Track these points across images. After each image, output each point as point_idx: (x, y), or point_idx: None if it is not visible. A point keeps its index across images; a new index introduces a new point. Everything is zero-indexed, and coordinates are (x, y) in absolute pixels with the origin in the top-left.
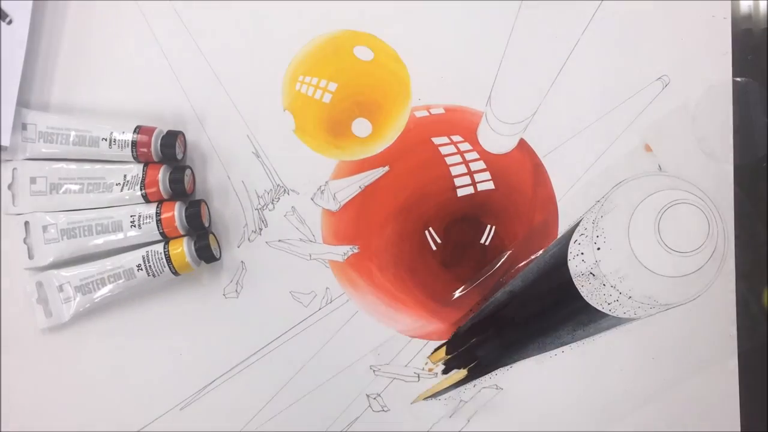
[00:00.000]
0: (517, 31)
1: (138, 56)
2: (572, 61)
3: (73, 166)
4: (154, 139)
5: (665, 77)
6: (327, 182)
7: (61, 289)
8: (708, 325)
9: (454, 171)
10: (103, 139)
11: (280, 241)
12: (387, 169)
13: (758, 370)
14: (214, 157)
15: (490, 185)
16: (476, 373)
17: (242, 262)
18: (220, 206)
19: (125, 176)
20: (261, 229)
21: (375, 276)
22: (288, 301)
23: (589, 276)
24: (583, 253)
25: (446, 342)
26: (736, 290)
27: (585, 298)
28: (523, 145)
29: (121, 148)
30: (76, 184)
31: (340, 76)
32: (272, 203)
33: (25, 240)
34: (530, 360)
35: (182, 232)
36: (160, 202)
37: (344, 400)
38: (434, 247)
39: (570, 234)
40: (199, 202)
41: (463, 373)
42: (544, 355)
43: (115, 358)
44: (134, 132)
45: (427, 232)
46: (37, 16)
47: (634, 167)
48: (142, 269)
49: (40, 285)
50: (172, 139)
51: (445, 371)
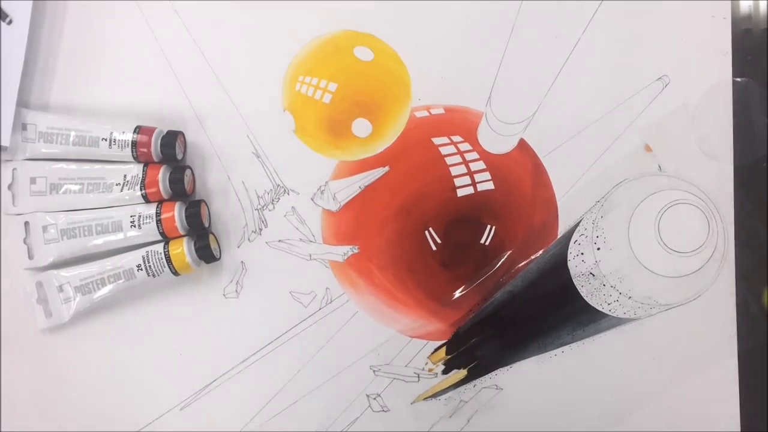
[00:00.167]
0: (517, 31)
1: (138, 56)
2: (572, 61)
3: (73, 166)
4: (154, 139)
5: (665, 77)
6: (327, 182)
7: (61, 289)
8: (708, 325)
9: (454, 171)
10: (103, 139)
11: (280, 241)
12: (387, 169)
13: (758, 370)
14: (214, 157)
15: (490, 185)
16: (476, 373)
17: (242, 263)
18: (220, 206)
19: (125, 176)
20: (261, 230)
21: (375, 276)
22: (288, 301)
23: (589, 276)
24: (583, 254)
25: (446, 342)
26: (736, 290)
27: (585, 298)
28: (523, 145)
29: (121, 148)
30: (76, 184)
31: (340, 76)
32: (272, 203)
33: (25, 240)
34: (530, 360)
35: (182, 233)
36: (160, 202)
37: (344, 400)
38: (434, 248)
39: (570, 234)
40: (199, 203)
41: (463, 373)
42: (544, 355)
43: (115, 358)
44: (134, 132)
45: (427, 233)
46: (37, 16)
47: (634, 167)
48: (142, 269)
49: (40, 285)
50: (172, 139)
51: (445, 371)
